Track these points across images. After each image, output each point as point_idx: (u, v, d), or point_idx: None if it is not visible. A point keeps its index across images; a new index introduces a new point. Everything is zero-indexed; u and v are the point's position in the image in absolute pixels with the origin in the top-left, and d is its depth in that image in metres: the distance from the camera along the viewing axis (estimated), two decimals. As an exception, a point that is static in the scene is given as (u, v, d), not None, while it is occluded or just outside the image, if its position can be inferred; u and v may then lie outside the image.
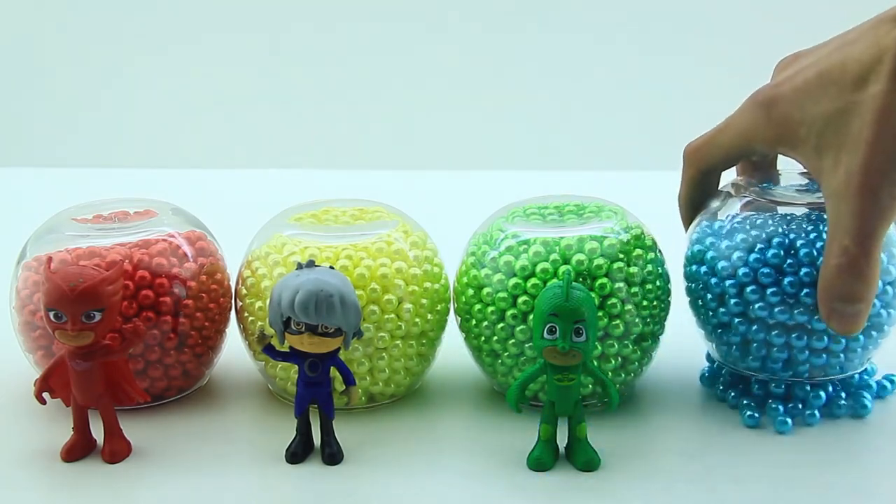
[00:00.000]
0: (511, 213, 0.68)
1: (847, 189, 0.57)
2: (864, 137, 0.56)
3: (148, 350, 0.66)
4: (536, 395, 0.66)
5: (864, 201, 0.56)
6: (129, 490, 0.60)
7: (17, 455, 0.63)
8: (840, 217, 0.57)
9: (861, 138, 0.56)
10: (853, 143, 0.56)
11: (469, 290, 0.66)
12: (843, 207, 0.57)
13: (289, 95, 1.63)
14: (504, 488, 0.59)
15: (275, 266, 0.66)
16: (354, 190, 0.91)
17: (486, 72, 1.62)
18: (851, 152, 0.56)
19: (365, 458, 0.62)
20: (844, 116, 0.57)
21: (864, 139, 0.56)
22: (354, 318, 0.59)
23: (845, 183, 0.57)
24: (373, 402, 0.68)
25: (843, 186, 0.57)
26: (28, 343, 0.67)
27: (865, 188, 0.56)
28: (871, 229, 0.57)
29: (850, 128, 0.57)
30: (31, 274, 0.66)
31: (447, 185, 1.09)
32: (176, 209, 0.70)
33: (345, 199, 0.72)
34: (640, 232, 0.67)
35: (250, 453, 0.63)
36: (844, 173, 0.57)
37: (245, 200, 1.06)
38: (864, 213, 0.56)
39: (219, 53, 1.62)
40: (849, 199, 0.57)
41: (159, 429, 0.65)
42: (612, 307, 0.64)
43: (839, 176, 0.57)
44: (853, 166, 0.56)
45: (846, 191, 0.57)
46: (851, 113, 0.57)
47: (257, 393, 0.70)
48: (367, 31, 1.63)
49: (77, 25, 1.63)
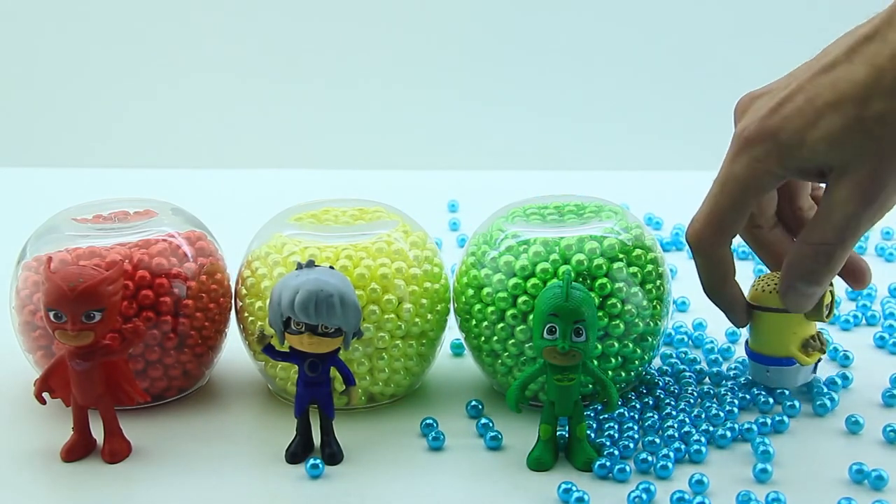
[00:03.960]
0: (511, 213, 0.68)
1: (850, 198, 0.59)
2: (873, 150, 0.58)
3: (148, 350, 0.66)
4: (536, 395, 0.66)
5: (861, 208, 0.59)
6: (129, 490, 0.60)
7: (17, 455, 0.63)
8: (831, 214, 0.60)
9: (869, 153, 0.58)
10: (859, 158, 0.58)
11: (469, 290, 0.66)
12: (837, 209, 0.59)
13: (288, 95, 1.62)
14: (504, 488, 0.59)
15: (275, 266, 0.66)
16: (354, 190, 0.91)
17: (486, 72, 1.62)
18: (857, 166, 0.58)
19: (365, 458, 0.62)
20: (850, 134, 0.58)
21: (872, 152, 0.58)
22: (354, 318, 0.59)
23: (848, 190, 0.59)
24: (373, 402, 0.68)
25: (844, 193, 0.59)
26: (28, 343, 0.67)
27: (867, 197, 0.59)
28: (858, 231, 0.60)
29: (856, 143, 0.58)
30: (31, 274, 0.66)
31: (447, 185, 1.08)
32: (176, 209, 0.70)
33: (345, 199, 0.72)
34: (640, 232, 0.67)
35: (250, 453, 0.63)
36: (849, 182, 0.59)
37: (245, 200, 1.06)
38: (857, 218, 0.59)
39: (219, 53, 1.62)
40: (847, 203, 0.59)
41: (159, 429, 0.65)
42: (612, 307, 0.64)
43: (843, 184, 0.59)
44: (859, 178, 0.58)
45: (847, 197, 0.59)
46: (854, 130, 0.58)
47: (257, 393, 0.70)
48: (367, 31, 1.63)
49: (77, 25, 1.63)
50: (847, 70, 0.59)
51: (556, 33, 1.62)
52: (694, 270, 0.71)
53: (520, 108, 1.60)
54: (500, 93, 1.61)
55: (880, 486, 0.59)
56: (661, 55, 1.61)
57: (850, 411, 0.65)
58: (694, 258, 0.65)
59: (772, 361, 0.67)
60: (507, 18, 1.63)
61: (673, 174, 1.13)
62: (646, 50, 1.62)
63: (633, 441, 0.62)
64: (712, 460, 0.62)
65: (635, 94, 1.60)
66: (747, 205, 0.62)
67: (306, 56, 1.64)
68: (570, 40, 1.61)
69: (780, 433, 0.64)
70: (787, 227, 0.68)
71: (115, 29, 1.64)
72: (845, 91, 0.58)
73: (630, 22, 1.62)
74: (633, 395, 0.67)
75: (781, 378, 0.67)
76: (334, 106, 1.62)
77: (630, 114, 1.59)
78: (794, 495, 0.58)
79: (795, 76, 0.61)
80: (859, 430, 0.64)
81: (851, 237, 0.60)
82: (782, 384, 0.67)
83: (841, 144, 0.58)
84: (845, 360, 0.73)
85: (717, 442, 0.63)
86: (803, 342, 0.66)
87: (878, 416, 0.66)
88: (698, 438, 0.62)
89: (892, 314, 0.78)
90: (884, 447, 0.63)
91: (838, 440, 0.64)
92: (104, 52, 1.64)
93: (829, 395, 0.67)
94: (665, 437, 0.63)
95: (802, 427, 0.65)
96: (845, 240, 0.60)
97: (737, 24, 1.62)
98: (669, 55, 1.61)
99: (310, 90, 1.63)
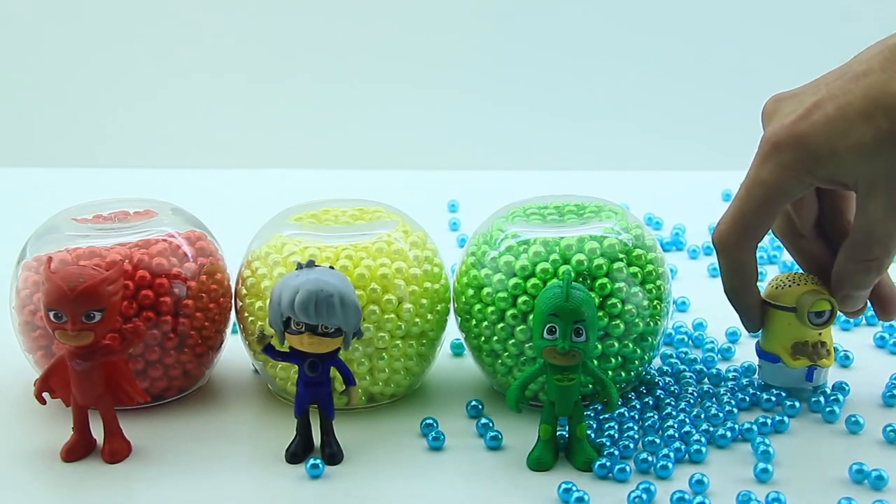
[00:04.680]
0: (511, 213, 0.68)
1: (885, 213, 0.60)
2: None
3: (148, 350, 0.66)
4: (536, 395, 0.66)
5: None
6: (129, 490, 0.60)
7: (17, 455, 0.63)
8: (874, 232, 0.61)
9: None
10: (891, 169, 0.59)
11: (469, 290, 0.66)
12: (878, 226, 0.60)
13: (288, 95, 1.62)
14: (504, 488, 0.59)
15: (275, 266, 0.66)
16: (354, 190, 0.91)
17: (486, 72, 1.62)
18: (889, 178, 0.59)
19: (365, 458, 0.62)
20: (881, 146, 0.58)
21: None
22: (354, 318, 0.59)
23: (884, 207, 0.60)
24: (373, 402, 0.68)
25: (880, 211, 0.60)
26: (28, 343, 0.67)
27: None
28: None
29: (886, 155, 0.58)
30: (31, 274, 0.66)
31: (447, 185, 1.08)
32: (176, 209, 0.70)
33: (345, 199, 0.72)
34: (640, 232, 0.67)
35: (250, 453, 0.63)
36: (882, 197, 0.59)
37: (245, 200, 1.06)
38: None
39: (219, 53, 1.62)
40: (887, 221, 0.60)
41: (159, 429, 0.65)
42: (612, 307, 0.64)
43: (877, 199, 0.59)
44: (892, 194, 0.59)
45: (885, 215, 0.60)
46: (885, 143, 0.58)
47: (257, 393, 0.70)
48: (366, 31, 1.63)
49: (77, 25, 1.63)
50: (880, 81, 0.58)
51: (556, 33, 1.62)
52: (694, 270, 0.72)
53: (520, 108, 1.60)
54: (500, 93, 1.61)
55: (880, 486, 0.59)
56: (662, 55, 1.61)
57: (850, 411, 0.65)
58: (717, 259, 0.65)
59: (762, 355, 0.68)
60: (508, 18, 1.63)
61: (673, 174, 1.13)
62: (646, 50, 1.62)
63: (633, 441, 0.62)
64: (712, 460, 0.62)
65: (635, 95, 1.60)
66: (773, 211, 0.62)
67: (306, 56, 1.64)
68: (570, 40, 1.61)
69: (780, 433, 0.64)
70: (827, 238, 0.67)
71: (116, 29, 1.64)
72: (878, 102, 0.58)
73: (630, 22, 1.62)
74: (633, 395, 0.67)
75: (767, 373, 0.68)
76: (334, 106, 1.62)
77: (630, 114, 1.59)
78: (794, 495, 0.58)
79: (826, 82, 0.61)
80: (859, 430, 0.64)
81: (895, 246, 0.62)
82: (768, 380, 0.68)
83: (871, 156, 0.58)
84: (845, 360, 0.73)
85: (717, 442, 0.63)
86: (794, 345, 0.66)
87: (878, 416, 0.66)
88: (698, 438, 0.62)
89: (892, 314, 0.78)
90: (884, 447, 0.63)
91: (838, 440, 0.64)
92: (104, 52, 1.63)
93: (835, 398, 0.67)
94: (665, 437, 0.63)
95: (802, 427, 0.65)
96: (890, 250, 0.62)
97: (737, 24, 1.62)
98: (669, 55, 1.61)
99: (310, 90, 1.63)
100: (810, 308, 0.65)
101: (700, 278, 0.88)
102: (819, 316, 0.65)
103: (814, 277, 0.66)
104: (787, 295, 0.66)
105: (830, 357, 0.67)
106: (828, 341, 0.67)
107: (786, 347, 0.66)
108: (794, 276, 0.66)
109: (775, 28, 1.59)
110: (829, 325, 0.66)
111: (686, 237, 0.95)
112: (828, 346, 0.67)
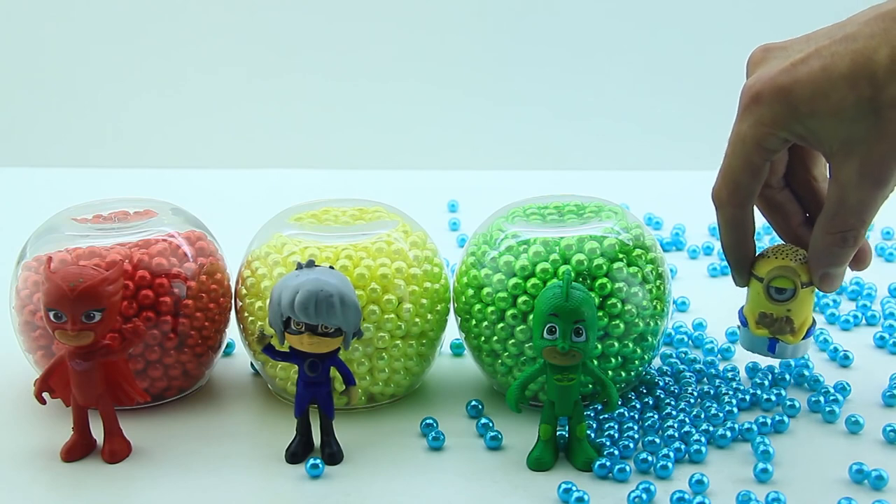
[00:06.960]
0: (511, 213, 0.68)
1: (860, 179, 0.59)
2: (884, 133, 0.58)
3: (148, 350, 0.66)
4: (536, 395, 0.66)
5: (873, 190, 0.59)
6: (129, 490, 0.60)
7: (17, 455, 0.63)
8: (847, 199, 0.60)
9: (879, 134, 0.58)
10: (868, 137, 0.58)
11: (469, 290, 0.66)
12: (852, 193, 0.60)
13: (288, 95, 1.62)
14: (504, 488, 0.59)
15: (275, 266, 0.66)
16: (354, 190, 0.91)
17: (486, 72, 1.62)
18: (866, 145, 0.58)
19: (365, 458, 0.62)
20: (861, 112, 0.58)
21: (883, 135, 0.58)
22: (354, 318, 0.59)
23: (858, 173, 0.59)
24: (373, 402, 0.68)
25: (854, 176, 0.59)
26: (28, 343, 0.67)
27: (877, 179, 0.59)
28: (875, 210, 0.61)
29: (865, 122, 0.58)
30: (31, 274, 0.66)
31: (447, 185, 1.08)
32: (176, 209, 0.70)
33: (345, 199, 0.72)
34: (640, 232, 0.67)
35: (250, 453, 0.63)
36: (857, 164, 0.59)
37: (245, 200, 1.06)
38: (873, 200, 0.60)
39: (219, 53, 1.62)
40: (860, 188, 0.59)
41: (159, 429, 0.65)
42: (612, 307, 0.64)
43: (851, 165, 0.59)
44: (869, 159, 0.59)
45: (859, 181, 0.59)
46: (866, 110, 0.58)
47: (257, 393, 0.70)
48: (366, 31, 1.62)
49: (77, 25, 1.63)
50: (869, 47, 0.58)
51: (556, 33, 1.62)
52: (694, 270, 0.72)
53: (520, 108, 1.60)
54: (500, 93, 1.61)
55: (880, 486, 0.59)
56: (661, 55, 1.61)
57: (850, 411, 0.65)
58: (717, 216, 0.65)
59: (739, 316, 0.67)
60: (508, 18, 1.63)
61: (673, 174, 1.13)
62: (646, 50, 1.62)
63: (633, 441, 0.62)
64: (712, 460, 0.62)
65: (635, 95, 1.60)
66: (757, 165, 0.62)
67: (306, 56, 1.64)
68: (570, 40, 1.61)
69: (780, 433, 0.64)
70: (795, 192, 0.67)
71: (116, 29, 1.63)
72: (864, 69, 0.58)
73: (630, 22, 1.62)
74: (633, 395, 0.67)
75: (741, 336, 0.67)
76: (335, 106, 1.62)
77: (630, 114, 1.59)
78: (794, 495, 0.58)
79: (814, 39, 0.60)
80: (859, 430, 0.64)
81: (870, 216, 0.61)
82: (741, 342, 0.67)
83: (850, 121, 0.58)
84: (845, 360, 0.73)
85: (717, 442, 0.63)
86: (760, 314, 0.66)
87: (878, 416, 0.66)
88: (698, 438, 0.62)
89: (892, 314, 0.78)
90: (884, 447, 0.63)
91: (838, 440, 0.64)
92: (104, 52, 1.63)
93: (835, 398, 0.67)
94: (665, 437, 0.63)
95: (802, 427, 0.65)
96: (866, 220, 0.61)
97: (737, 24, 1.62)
98: (669, 55, 1.61)
99: (310, 90, 1.63)
100: (770, 282, 0.64)
101: (700, 278, 0.88)
102: (780, 293, 0.64)
103: (802, 255, 0.65)
104: (764, 265, 0.65)
105: (797, 336, 0.65)
106: (799, 320, 0.65)
107: (754, 314, 0.66)
108: (781, 249, 0.65)
109: (775, 28, 1.59)
110: (790, 303, 0.65)
111: (686, 237, 0.95)
112: (796, 324, 0.65)
